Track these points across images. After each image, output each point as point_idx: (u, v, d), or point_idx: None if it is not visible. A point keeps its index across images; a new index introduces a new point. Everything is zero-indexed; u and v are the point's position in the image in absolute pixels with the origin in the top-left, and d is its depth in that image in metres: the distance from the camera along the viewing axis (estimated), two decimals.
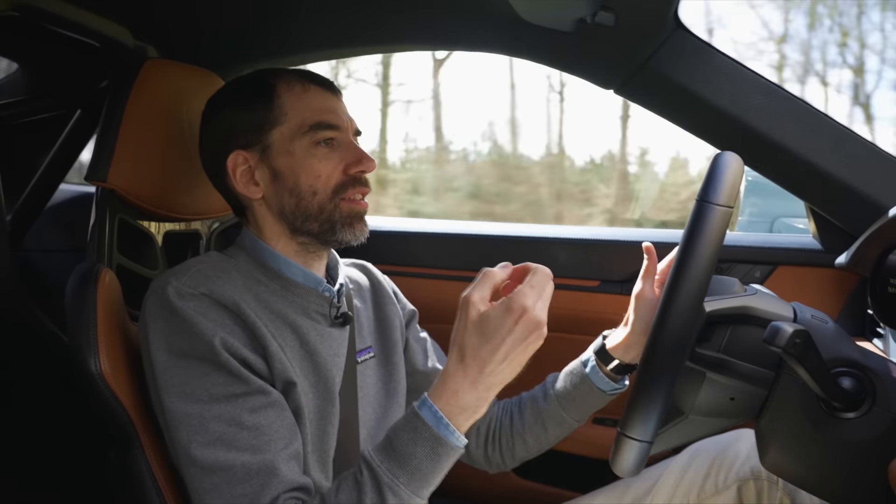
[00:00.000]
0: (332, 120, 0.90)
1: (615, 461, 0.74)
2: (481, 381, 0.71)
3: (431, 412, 0.72)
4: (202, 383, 0.78)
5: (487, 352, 0.70)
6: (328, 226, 0.90)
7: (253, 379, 0.80)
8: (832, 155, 1.06)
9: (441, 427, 0.71)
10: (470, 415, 0.73)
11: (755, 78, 1.08)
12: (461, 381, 0.71)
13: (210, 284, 0.83)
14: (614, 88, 1.17)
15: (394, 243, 1.47)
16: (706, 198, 0.70)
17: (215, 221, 1.26)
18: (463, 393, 0.71)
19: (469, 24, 1.16)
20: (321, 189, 0.89)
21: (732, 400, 0.77)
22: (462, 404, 0.72)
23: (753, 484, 0.98)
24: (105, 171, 0.96)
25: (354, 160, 0.90)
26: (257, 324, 0.82)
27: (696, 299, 0.70)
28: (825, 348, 0.67)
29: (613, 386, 0.98)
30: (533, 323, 0.69)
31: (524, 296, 0.69)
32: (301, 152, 0.89)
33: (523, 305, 0.69)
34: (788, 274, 1.23)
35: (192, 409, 0.78)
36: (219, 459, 0.76)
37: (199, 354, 0.79)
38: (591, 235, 1.39)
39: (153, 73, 1.03)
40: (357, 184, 0.90)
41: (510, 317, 0.69)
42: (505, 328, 0.69)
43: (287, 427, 0.81)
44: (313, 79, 0.93)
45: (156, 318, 0.82)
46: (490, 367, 0.70)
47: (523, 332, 0.69)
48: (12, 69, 1.44)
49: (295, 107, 0.90)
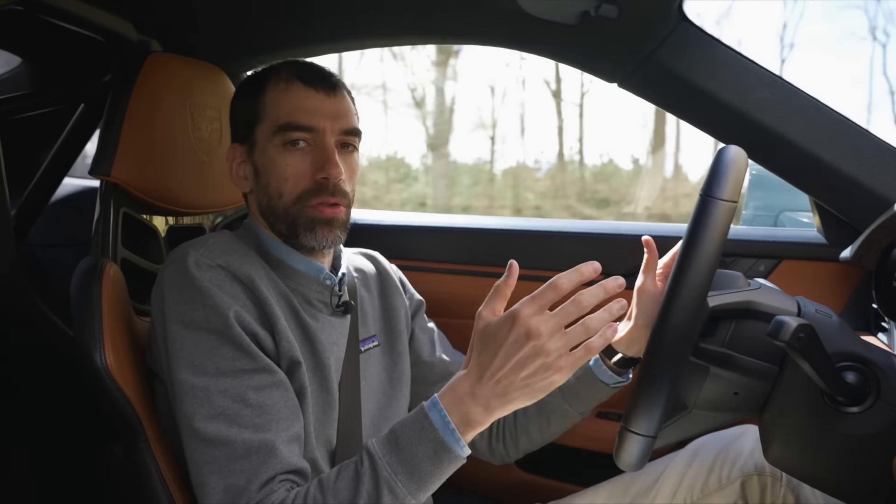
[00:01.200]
0: (303, 121, 0.88)
1: (619, 456, 0.74)
2: (481, 390, 0.70)
3: (440, 415, 0.72)
4: (211, 356, 0.79)
5: (486, 359, 0.70)
6: (292, 228, 0.90)
7: (261, 356, 0.81)
8: (837, 148, 1.06)
9: (447, 432, 0.71)
10: (470, 425, 0.72)
11: (760, 71, 1.08)
12: (466, 392, 0.71)
13: (227, 257, 0.84)
14: (618, 82, 1.17)
15: (399, 237, 1.47)
16: (710, 192, 0.70)
17: (219, 215, 1.26)
18: (467, 404, 0.71)
19: (473, 18, 1.15)
20: (287, 192, 0.89)
21: (736, 394, 0.77)
22: (467, 414, 0.71)
23: (757, 479, 0.98)
24: (109, 166, 0.96)
25: (319, 164, 0.88)
26: (269, 300, 0.83)
27: (699, 294, 0.70)
28: (829, 343, 0.67)
29: (617, 379, 0.98)
30: (524, 329, 0.67)
31: (521, 304, 0.69)
32: (272, 152, 0.89)
33: (516, 312, 0.68)
34: (793, 268, 1.22)
35: (198, 382, 0.79)
36: (220, 434, 0.76)
37: (211, 326, 0.80)
38: (595, 229, 1.39)
39: (156, 67, 1.03)
40: (322, 192, 0.89)
41: (505, 324, 0.69)
42: (500, 336, 0.69)
43: (290, 408, 0.82)
44: (302, 75, 0.91)
45: (171, 287, 0.82)
46: (488, 374, 0.70)
47: (516, 339, 0.68)
48: (16, 63, 1.44)
49: (273, 105, 0.90)
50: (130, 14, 1.14)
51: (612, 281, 0.70)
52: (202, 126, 1.08)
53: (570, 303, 0.69)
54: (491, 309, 0.72)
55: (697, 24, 1.07)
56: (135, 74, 1.01)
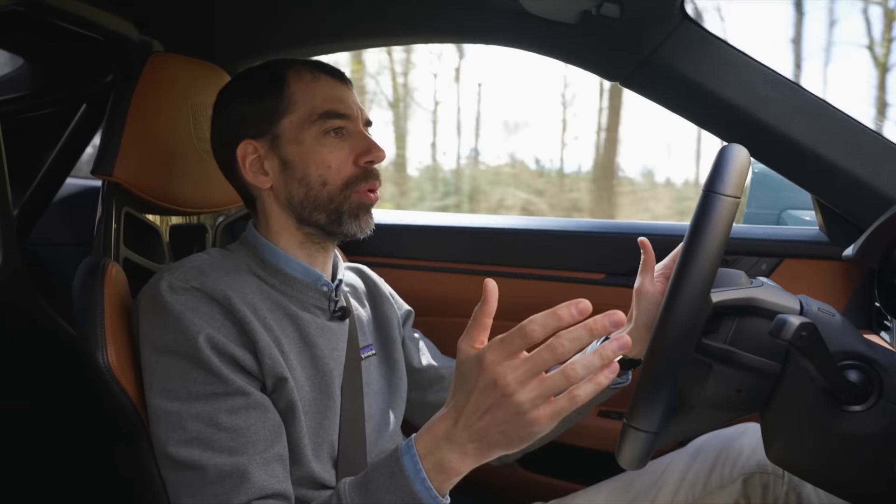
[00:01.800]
0: (341, 109, 0.90)
1: (621, 453, 0.74)
2: (456, 435, 0.64)
3: (413, 462, 0.66)
4: (182, 381, 0.78)
5: (461, 401, 0.63)
6: (335, 216, 0.90)
7: (232, 379, 0.79)
8: (839, 146, 1.06)
9: (418, 480, 0.65)
10: (446, 472, 0.65)
11: (762, 69, 1.07)
12: (440, 431, 0.65)
13: (202, 279, 0.83)
14: (620, 80, 1.17)
15: (391, 236, 1.47)
16: (713, 188, 0.70)
17: (221, 215, 1.26)
18: (441, 445, 0.65)
19: (474, 17, 1.15)
20: (332, 179, 0.89)
21: (738, 392, 0.77)
22: (439, 457, 0.65)
23: (759, 477, 0.98)
24: (111, 165, 0.97)
25: (364, 150, 0.90)
26: (247, 318, 0.82)
27: (703, 289, 0.70)
28: (832, 341, 0.67)
29: (617, 380, 0.98)
30: (490, 377, 0.60)
31: (487, 348, 0.61)
32: (310, 141, 0.89)
33: (484, 359, 0.61)
34: (795, 266, 1.22)
35: (171, 407, 0.78)
36: (193, 458, 0.76)
37: (181, 351, 0.79)
38: (595, 228, 1.39)
39: (158, 67, 1.03)
40: (369, 177, 0.91)
41: (474, 368, 0.62)
42: (471, 379, 0.62)
43: (269, 429, 0.80)
44: (323, 68, 0.93)
45: (145, 312, 0.83)
46: (463, 418, 0.63)
47: (485, 387, 0.60)
48: (18, 64, 1.44)
49: (304, 96, 0.90)
50: (132, 14, 1.14)
51: (602, 323, 0.58)
52: (204, 126, 1.08)
53: (545, 348, 0.59)
54: (470, 341, 0.64)
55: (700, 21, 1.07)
56: (136, 74, 1.01)
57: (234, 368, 0.80)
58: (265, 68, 0.94)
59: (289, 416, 0.84)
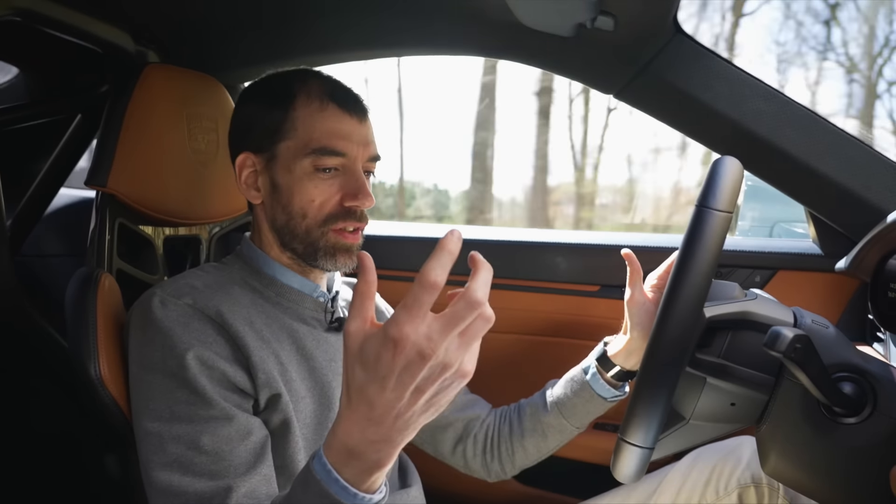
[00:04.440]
0: (339, 147, 0.86)
1: (616, 467, 0.74)
2: (371, 428, 0.55)
3: (321, 464, 0.59)
4: (165, 400, 0.77)
5: (374, 392, 0.54)
6: (311, 250, 0.89)
7: (217, 401, 0.77)
8: (832, 159, 1.06)
9: (331, 482, 0.59)
10: (368, 468, 0.58)
11: (755, 82, 1.08)
12: (349, 426, 0.57)
13: (195, 294, 0.82)
14: (614, 93, 1.17)
15: (384, 248, 1.47)
16: (706, 203, 0.70)
17: (215, 226, 1.26)
18: (352, 440, 0.57)
19: (469, 30, 1.16)
20: (311, 214, 0.87)
21: (733, 405, 0.76)
22: (355, 456, 0.58)
23: (754, 490, 0.97)
24: (105, 176, 0.96)
25: (352, 193, 0.87)
26: (241, 334, 0.81)
27: (695, 304, 0.70)
28: (826, 353, 0.67)
29: (614, 393, 0.98)
30: (414, 352, 0.51)
31: (395, 323, 0.51)
32: (300, 173, 0.87)
33: (399, 335, 0.51)
34: (788, 279, 1.23)
35: (152, 427, 0.77)
36: (173, 484, 0.74)
37: (166, 369, 0.77)
38: (590, 240, 1.39)
39: (153, 77, 1.03)
40: (350, 217, 0.88)
41: (387, 351, 0.52)
42: (384, 365, 0.52)
43: (252, 451, 0.77)
44: (335, 96, 0.88)
45: (135, 328, 0.82)
46: (379, 410, 0.54)
47: (407, 365, 0.52)
48: (13, 74, 1.44)
49: (306, 124, 0.87)
50: (127, 25, 1.14)
51: (454, 236, 0.52)
52: (199, 137, 1.08)
53: (462, 302, 0.52)
54: (361, 320, 0.54)
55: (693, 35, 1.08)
56: (132, 85, 1.01)
57: (224, 386, 0.79)
58: (282, 79, 0.91)
59: (283, 431, 0.83)
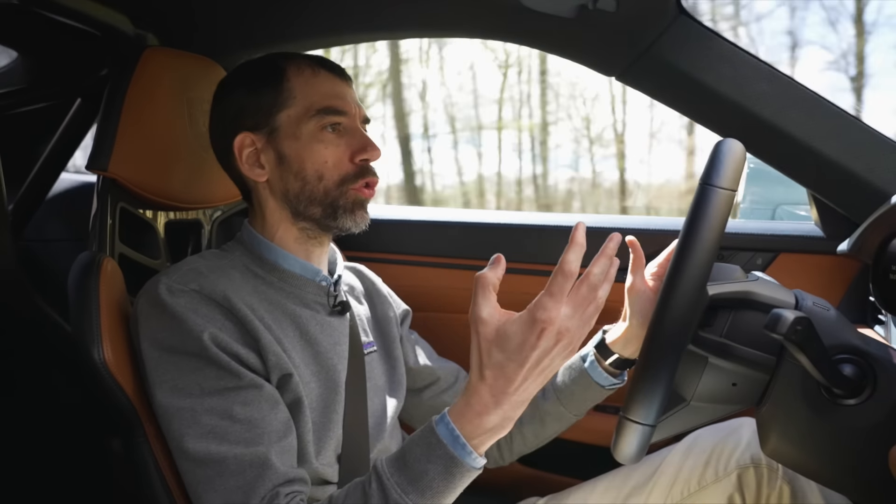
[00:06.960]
0: (339, 105, 0.90)
1: (617, 446, 0.74)
2: (507, 401, 0.68)
3: (448, 430, 0.70)
4: (194, 378, 0.79)
5: (512, 369, 0.67)
6: (331, 210, 0.90)
7: (244, 372, 0.80)
8: (834, 141, 1.06)
9: (457, 447, 0.69)
10: (493, 435, 0.70)
11: (758, 64, 1.08)
12: (487, 401, 0.69)
13: (201, 280, 0.83)
14: (616, 75, 1.17)
15: (385, 231, 1.47)
16: (709, 181, 0.70)
17: (217, 210, 1.26)
18: (488, 414, 0.69)
19: (471, 11, 1.15)
20: (328, 175, 0.89)
21: (734, 386, 0.77)
22: (487, 425, 0.69)
23: (754, 471, 0.98)
24: (106, 160, 0.96)
25: (360, 147, 0.90)
26: (248, 317, 0.82)
27: (699, 281, 0.70)
28: (826, 335, 0.67)
29: (612, 381, 0.98)
30: (555, 331, 0.66)
31: (543, 308, 0.66)
32: (307, 136, 0.89)
33: (546, 318, 0.65)
34: (790, 261, 1.22)
35: (184, 403, 0.78)
36: (210, 452, 0.76)
37: (188, 350, 0.79)
38: (591, 223, 1.39)
39: (153, 61, 1.03)
40: (366, 174, 0.91)
41: (533, 331, 0.66)
42: (528, 344, 0.66)
43: (281, 421, 0.81)
44: (323, 63, 0.93)
45: (146, 315, 0.82)
46: (516, 384, 0.67)
47: (549, 343, 0.66)
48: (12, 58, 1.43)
49: (303, 90, 0.90)
50: (127, 8, 1.13)
51: (611, 243, 0.70)
52: (199, 121, 1.08)
53: (586, 287, 0.67)
54: (490, 310, 0.68)
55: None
56: (131, 69, 1.00)
57: (241, 364, 0.81)
58: (265, 61, 0.94)
59: (294, 411, 0.84)
